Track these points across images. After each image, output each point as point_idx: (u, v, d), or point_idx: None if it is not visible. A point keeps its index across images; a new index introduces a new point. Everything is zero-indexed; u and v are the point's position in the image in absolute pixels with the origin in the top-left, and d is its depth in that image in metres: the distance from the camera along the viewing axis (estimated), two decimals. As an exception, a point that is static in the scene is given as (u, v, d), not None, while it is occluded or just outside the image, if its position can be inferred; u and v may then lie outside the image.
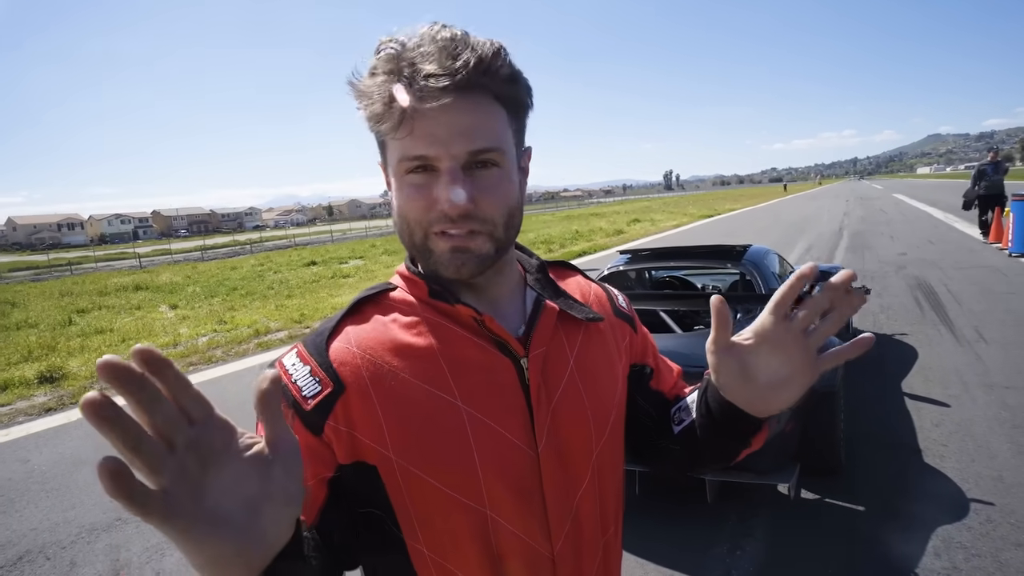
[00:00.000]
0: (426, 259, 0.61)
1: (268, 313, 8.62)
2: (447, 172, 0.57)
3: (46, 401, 5.06)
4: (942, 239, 11.22)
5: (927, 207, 20.38)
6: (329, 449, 0.59)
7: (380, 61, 0.56)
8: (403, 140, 0.57)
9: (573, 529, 0.64)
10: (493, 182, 0.59)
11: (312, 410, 0.58)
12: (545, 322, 0.65)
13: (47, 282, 19.05)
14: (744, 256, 3.53)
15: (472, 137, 0.56)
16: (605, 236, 18.44)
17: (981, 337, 4.75)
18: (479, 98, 0.57)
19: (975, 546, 2.25)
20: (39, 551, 2.72)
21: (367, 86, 0.57)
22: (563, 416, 0.64)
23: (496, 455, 0.60)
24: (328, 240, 33.95)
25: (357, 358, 0.61)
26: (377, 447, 0.59)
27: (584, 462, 0.65)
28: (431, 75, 0.54)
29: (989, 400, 3.54)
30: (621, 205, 57.54)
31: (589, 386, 0.67)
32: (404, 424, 0.59)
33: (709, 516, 2.57)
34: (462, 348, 0.62)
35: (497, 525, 0.60)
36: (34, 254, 61.22)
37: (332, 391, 0.59)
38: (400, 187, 0.60)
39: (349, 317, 0.64)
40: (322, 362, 0.60)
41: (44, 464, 3.70)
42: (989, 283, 6.74)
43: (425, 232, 0.60)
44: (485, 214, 0.59)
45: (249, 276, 14.69)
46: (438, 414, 0.59)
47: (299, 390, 0.59)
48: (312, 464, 0.58)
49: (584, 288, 0.75)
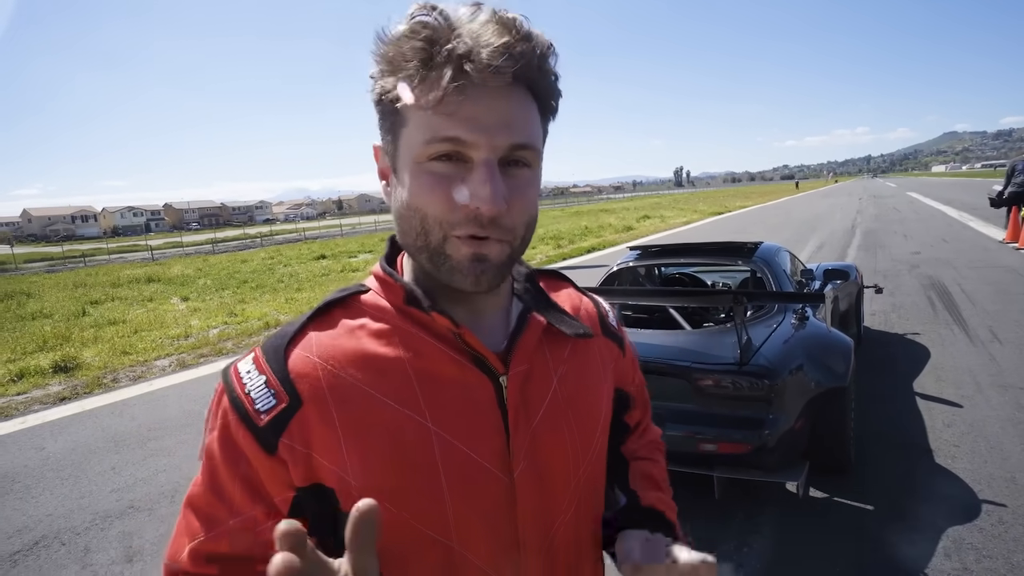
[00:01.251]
0: (439, 264, 0.53)
1: (278, 306, 8.68)
2: (485, 165, 0.49)
3: (61, 390, 5.14)
4: (956, 238, 11.07)
5: (942, 206, 20.10)
6: (285, 468, 0.53)
7: (417, 25, 0.48)
8: (436, 117, 0.49)
9: (547, 564, 0.59)
10: (523, 185, 0.53)
11: (265, 426, 0.52)
12: (529, 337, 0.60)
13: (61, 273, 19.32)
14: (755, 253, 3.50)
15: (516, 130, 0.50)
16: (615, 232, 18.37)
17: (995, 337, 4.69)
18: (522, 93, 0.51)
19: (986, 547, 2.22)
20: (54, 536, 2.77)
21: (394, 51, 0.49)
22: (543, 440, 0.58)
23: (466, 483, 0.54)
24: (338, 234, 34.11)
25: (318, 369, 0.54)
26: (335, 469, 0.53)
27: (564, 490, 0.60)
28: (492, 48, 0.47)
29: (1003, 401, 3.50)
30: (631, 201, 57.27)
31: (574, 408, 0.61)
32: (366, 445, 0.53)
33: (717, 513, 2.57)
34: (436, 362, 0.56)
35: (464, 561, 0.55)
36: (48, 245, 62.02)
37: (287, 406, 0.53)
38: (416, 174, 0.51)
39: (314, 321, 0.58)
40: (279, 372, 0.54)
41: (59, 452, 3.77)
42: (1004, 283, 6.64)
43: (445, 234, 0.51)
44: (512, 221, 0.52)
45: (259, 269, 14.81)
46: (405, 435, 0.53)
47: (252, 402, 0.53)
48: (270, 484, 0.53)
49: (576, 301, 0.70)
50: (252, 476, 0.54)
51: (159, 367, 5.78)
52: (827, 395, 2.62)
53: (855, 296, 4.51)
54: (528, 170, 0.53)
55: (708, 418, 2.48)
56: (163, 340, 6.85)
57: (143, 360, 6.02)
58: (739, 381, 2.43)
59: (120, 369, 5.74)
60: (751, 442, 2.37)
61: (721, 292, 3.51)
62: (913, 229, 13.27)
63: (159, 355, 6.19)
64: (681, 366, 2.53)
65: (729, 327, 2.79)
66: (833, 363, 2.73)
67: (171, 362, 5.91)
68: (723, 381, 2.46)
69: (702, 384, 2.49)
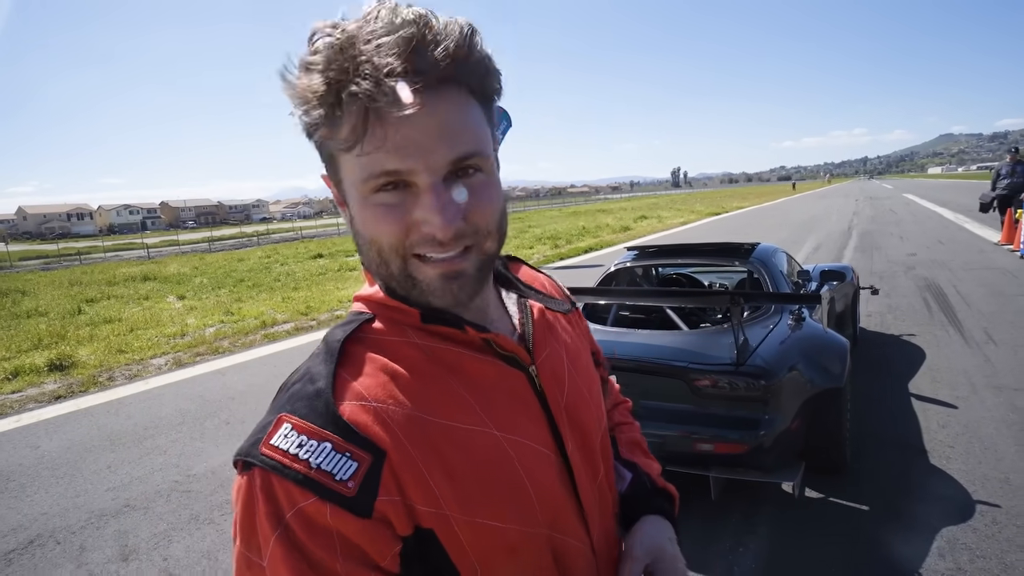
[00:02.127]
0: (409, 289, 0.53)
1: (275, 305, 8.66)
2: (430, 190, 0.48)
3: (56, 388, 5.12)
4: (952, 240, 11.12)
5: (938, 207, 20.20)
6: (387, 526, 0.48)
7: (322, 54, 0.46)
8: (364, 155, 0.47)
9: (600, 516, 0.64)
10: (479, 190, 0.50)
11: (358, 493, 0.47)
12: (539, 325, 0.64)
13: (56, 271, 19.23)
14: (752, 254, 3.51)
15: (452, 143, 0.48)
16: (612, 232, 18.39)
17: (990, 339, 4.71)
18: (451, 94, 0.48)
19: (980, 548, 2.24)
20: (49, 535, 2.76)
21: (303, 87, 0.47)
22: (575, 413, 0.63)
23: (540, 472, 0.57)
24: (335, 233, 34.04)
25: (382, 414, 0.50)
26: (431, 509, 0.50)
27: (597, 450, 0.66)
28: (398, 73, 0.44)
29: (997, 402, 3.52)
30: (628, 202, 57.34)
31: (583, 377, 0.67)
32: (453, 474, 0.51)
33: (713, 513, 2.57)
34: (475, 371, 0.56)
35: (556, 541, 0.58)
36: (44, 243, 61.74)
37: (373, 462, 0.48)
38: (364, 207, 0.50)
39: (341, 367, 0.52)
40: (342, 431, 0.48)
41: (54, 450, 3.75)
42: (999, 285, 6.68)
43: (403, 258, 0.51)
44: (477, 226, 0.51)
45: (256, 268, 14.77)
46: (482, 451, 0.53)
47: (329, 476, 0.46)
48: (374, 549, 0.47)
49: (540, 278, 0.74)
50: (352, 549, 0.47)
51: (155, 366, 5.76)
52: (823, 396, 2.63)
53: (851, 297, 4.53)
54: (481, 174, 0.51)
55: (705, 418, 2.49)
56: (159, 339, 6.83)
57: (139, 359, 6.00)
58: (736, 381, 2.44)
59: (116, 368, 5.72)
60: (747, 442, 2.38)
61: (718, 293, 3.52)
62: (909, 231, 13.32)
63: (155, 354, 6.17)
64: (678, 366, 2.54)
65: (726, 328, 2.80)
66: (829, 364, 2.74)
67: (167, 361, 5.89)
68: (720, 381, 2.46)
69: (699, 384, 2.50)
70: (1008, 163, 10.13)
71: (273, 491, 0.47)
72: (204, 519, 2.82)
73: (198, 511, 2.89)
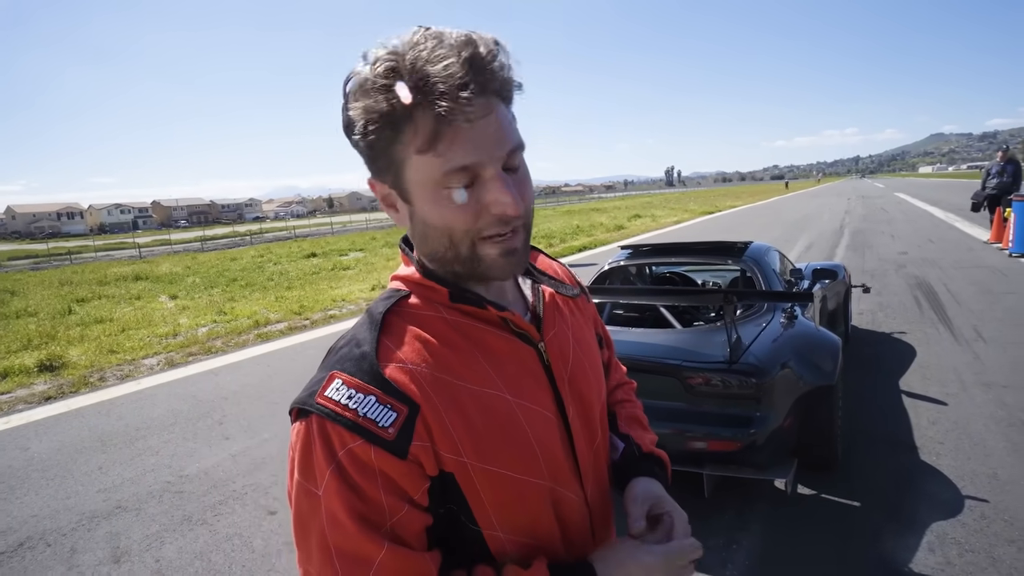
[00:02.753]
0: (473, 267, 0.62)
1: (268, 304, 8.62)
2: (496, 178, 0.58)
3: (46, 389, 5.07)
4: (942, 238, 11.22)
5: (929, 206, 20.37)
6: (418, 466, 0.59)
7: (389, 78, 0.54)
8: (438, 155, 0.56)
9: (595, 476, 0.74)
10: (522, 179, 0.61)
11: (397, 438, 0.57)
12: (549, 307, 0.74)
13: (46, 271, 19.04)
14: (745, 253, 3.53)
15: (505, 139, 0.58)
16: (606, 231, 18.42)
17: (980, 336, 4.76)
18: (495, 101, 0.58)
19: (969, 542, 2.26)
20: (39, 538, 2.74)
21: (373, 106, 0.55)
22: (578, 385, 0.72)
23: (545, 433, 0.67)
24: (328, 232, 33.91)
25: (415, 374, 0.60)
26: (452, 455, 0.60)
27: (596, 420, 0.75)
28: (465, 86, 0.53)
29: (987, 399, 3.55)
30: (622, 201, 57.44)
31: (586, 354, 0.76)
32: (473, 428, 0.61)
33: (706, 510, 2.59)
34: (493, 344, 0.66)
35: (556, 493, 0.67)
36: (33, 243, 61.11)
37: (409, 413, 0.58)
38: (436, 200, 0.59)
39: (383, 334, 0.63)
40: (384, 387, 0.59)
41: (44, 452, 3.72)
42: (988, 283, 6.75)
43: (473, 241, 0.60)
44: (524, 210, 0.61)
45: (249, 267, 14.69)
46: (497, 411, 0.63)
47: (373, 423, 0.57)
48: (411, 483, 0.59)
49: (554, 265, 0.83)
50: (391, 484, 0.58)
51: (147, 366, 5.72)
52: (815, 393, 2.64)
53: (843, 295, 4.56)
54: (523, 167, 0.62)
55: (698, 416, 2.50)
56: (151, 339, 6.78)
57: (130, 359, 5.95)
58: (729, 379, 2.45)
59: (107, 368, 5.67)
60: (740, 440, 2.39)
61: (712, 291, 3.54)
62: (900, 229, 13.43)
63: (147, 354, 6.13)
64: (671, 364, 2.55)
65: (719, 326, 2.81)
66: (821, 361, 2.76)
67: (159, 361, 5.85)
68: (713, 379, 2.47)
69: (692, 382, 2.51)
70: (998, 162, 10.22)
71: (327, 434, 0.57)
72: (197, 520, 2.81)
73: (191, 512, 2.88)
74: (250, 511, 2.86)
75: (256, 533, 2.67)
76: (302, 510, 0.59)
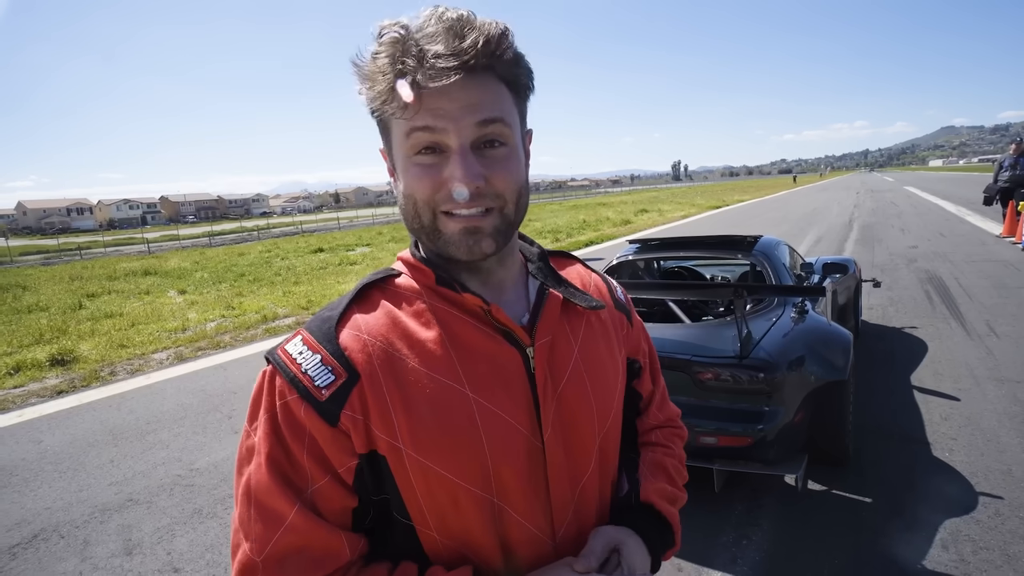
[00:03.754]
0: (435, 241, 0.61)
1: (276, 299, 8.66)
2: (458, 151, 0.57)
3: (58, 383, 5.12)
4: (953, 232, 11.09)
5: (939, 200, 20.14)
6: (347, 438, 0.58)
7: (384, 44, 0.56)
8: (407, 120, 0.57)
9: (575, 516, 0.66)
10: (502, 159, 0.59)
11: (327, 400, 0.57)
12: (550, 311, 0.66)
13: (57, 266, 19.21)
14: (755, 247, 3.50)
15: (478, 109, 0.57)
16: (612, 226, 18.35)
17: (992, 331, 4.71)
18: (485, 78, 0.57)
19: (983, 539, 2.24)
20: (53, 530, 2.77)
21: (371, 69, 0.57)
22: (568, 405, 0.64)
23: (504, 444, 0.60)
24: (335, 227, 33.99)
25: (368, 346, 0.60)
26: (387, 438, 0.58)
27: (588, 450, 0.66)
28: (439, 55, 0.54)
29: (999, 394, 3.51)
30: (629, 195, 57.19)
31: (593, 375, 0.68)
32: (415, 414, 0.58)
33: (716, 506, 2.57)
34: (469, 336, 0.62)
35: (503, 513, 0.61)
36: (44, 238, 61.68)
37: (346, 380, 0.58)
38: (407, 168, 0.59)
39: (356, 303, 0.64)
40: (333, 350, 0.59)
41: (57, 445, 3.76)
42: (1001, 277, 6.66)
43: (433, 212, 0.59)
44: (497, 190, 0.59)
45: (257, 262, 14.75)
46: (448, 403, 0.59)
47: (311, 380, 0.58)
48: (336, 454, 0.58)
49: (584, 277, 0.77)
50: (316, 448, 0.58)
51: (157, 360, 5.76)
52: (826, 388, 2.62)
53: (853, 290, 4.52)
54: (504, 147, 0.59)
55: (708, 411, 2.48)
56: (160, 333, 6.83)
57: (140, 353, 6.00)
58: (739, 374, 2.43)
59: (117, 362, 5.72)
60: (751, 435, 2.37)
61: (723, 285, 3.51)
62: (910, 223, 13.29)
63: (156, 348, 6.17)
64: (681, 359, 2.53)
65: (729, 320, 2.79)
66: (833, 356, 2.73)
67: (169, 355, 5.89)
68: (723, 374, 2.46)
69: (702, 377, 2.49)
70: (1011, 155, 10.06)
71: (274, 383, 0.60)
72: (207, 513, 2.83)
73: (201, 505, 2.90)
74: (260, 504, 2.88)
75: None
76: (240, 452, 0.61)
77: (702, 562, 2.26)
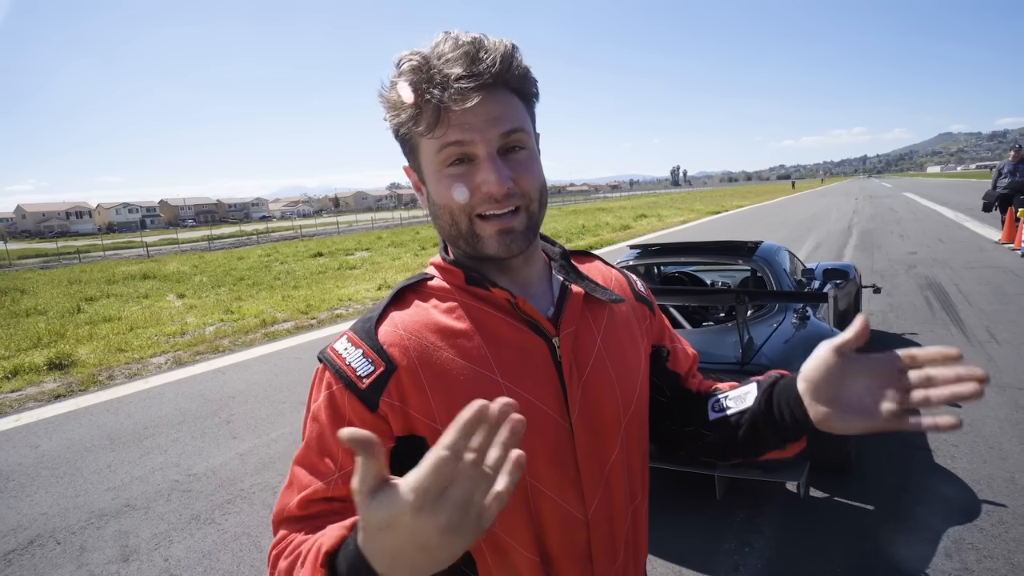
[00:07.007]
0: (473, 244, 0.66)
1: (275, 303, 8.64)
2: (487, 158, 0.63)
3: (55, 387, 5.09)
4: (952, 238, 11.11)
5: (938, 206, 20.18)
6: (386, 423, 0.64)
7: (407, 73, 0.62)
8: (436, 138, 0.62)
9: (605, 495, 0.70)
10: (525, 161, 0.65)
11: (367, 388, 0.64)
12: (572, 304, 0.71)
13: (56, 270, 19.19)
14: (756, 252, 3.49)
15: (501, 122, 0.63)
16: (611, 231, 18.37)
17: (993, 338, 4.70)
18: (500, 93, 0.63)
19: (987, 548, 2.22)
20: (49, 535, 2.75)
21: (397, 97, 0.63)
22: (593, 390, 0.69)
23: (535, 425, 0.65)
24: (334, 231, 34.01)
25: (404, 340, 0.66)
26: (427, 420, 0.64)
27: (613, 433, 0.71)
28: (460, 77, 0.60)
29: (1001, 401, 3.50)
30: (628, 200, 57.29)
31: (616, 363, 0.72)
32: (450, 398, 0.64)
33: (718, 512, 2.56)
34: (498, 328, 0.68)
35: (536, 491, 0.66)
36: (43, 242, 61.62)
37: (384, 370, 0.64)
38: (438, 180, 0.65)
39: (393, 304, 0.70)
40: (372, 344, 0.66)
41: (54, 450, 3.73)
42: (1001, 283, 6.67)
43: (470, 217, 0.65)
44: (524, 190, 0.65)
45: (256, 266, 14.75)
46: (481, 388, 0.64)
47: (353, 371, 0.65)
48: None
49: (605, 273, 0.82)
50: None
51: (155, 364, 5.74)
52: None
53: (854, 296, 4.52)
54: (525, 151, 0.65)
55: (709, 417, 2.47)
56: (159, 337, 6.81)
57: (139, 357, 5.98)
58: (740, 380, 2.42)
59: (115, 366, 5.69)
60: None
61: (724, 291, 3.50)
62: (909, 229, 13.31)
63: (155, 352, 6.15)
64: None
65: (730, 326, 2.78)
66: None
67: (167, 359, 5.87)
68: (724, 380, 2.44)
69: (703, 383, 2.48)
70: (1010, 161, 10.09)
71: (324, 376, 0.67)
72: (205, 519, 2.80)
73: (199, 511, 2.88)
74: (258, 510, 2.86)
75: (264, 532, 2.66)
76: (303, 430, 0.69)
77: (704, 569, 2.24)
